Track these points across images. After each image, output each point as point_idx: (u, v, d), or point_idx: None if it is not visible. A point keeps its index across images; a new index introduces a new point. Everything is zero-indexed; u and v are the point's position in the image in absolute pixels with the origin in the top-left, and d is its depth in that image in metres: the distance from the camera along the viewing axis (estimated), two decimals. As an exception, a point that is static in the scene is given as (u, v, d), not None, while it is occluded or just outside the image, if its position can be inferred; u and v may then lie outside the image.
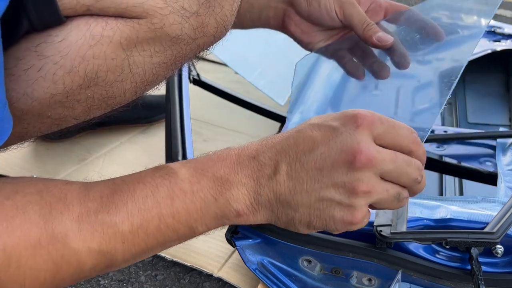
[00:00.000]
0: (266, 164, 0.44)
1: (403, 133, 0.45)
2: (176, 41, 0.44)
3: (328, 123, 0.44)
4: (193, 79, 1.08)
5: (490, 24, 1.28)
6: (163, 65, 0.46)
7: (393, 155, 0.44)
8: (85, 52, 0.40)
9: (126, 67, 0.43)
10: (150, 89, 0.50)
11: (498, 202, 0.69)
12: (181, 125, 0.84)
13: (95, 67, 0.41)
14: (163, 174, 0.44)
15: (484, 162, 0.82)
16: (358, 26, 0.63)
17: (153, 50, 0.44)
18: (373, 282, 0.68)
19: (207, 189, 0.44)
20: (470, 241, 0.60)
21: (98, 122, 1.15)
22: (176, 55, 0.46)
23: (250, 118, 1.15)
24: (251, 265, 0.73)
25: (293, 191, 0.43)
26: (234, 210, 0.44)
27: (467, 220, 0.65)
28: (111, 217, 0.41)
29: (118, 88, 0.44)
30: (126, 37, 0.42)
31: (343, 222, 0.44)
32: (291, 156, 0.44)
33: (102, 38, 0.41)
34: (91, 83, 0.42)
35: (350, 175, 0.42)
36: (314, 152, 0.43)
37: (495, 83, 1.21)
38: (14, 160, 1.07)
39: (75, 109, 0.44)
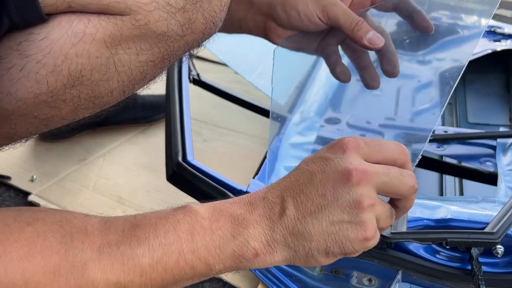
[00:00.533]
0: (274, 203, 0.45)
1: (390, 148, 0.47)
2: (162, 38, 0.43)
3: (320, 155, 0.47)
4: (193, 79, 1.08)
5: (490, 24, 1.28)
6: (150, 63, 0.45)
7: (385, 168, 0.46)
8: (67, 51, 0.40)
9: (111, 66, 0.42)
10: (139, 88, 0.49)
11: (498, 202, 0.69)
12: (181, 125, 0.83)
13: (79, 65, 0.40)
14: (184, 211, 0.44)
15: (484, 162, 0.82)
16: (345, 27, 0.58)
17: (139, 47, 0.43)
18: (373, 282, 0.68)
19: (225, 228, 0.44)
20: (471, 241, 0.60)
21: (98, 122, 1.17)
22: (163, 52, 0.45)
23: (250, 118, 1.15)
24: (251, 265, 0.73)
25: (304, 222, 0.44)
26: (252, 248, 0.44)
27: (467, 220, 0.65)
28: (133, 249, 0.41)
29: (104, 88, 0.43)
30: (110, 34, 0.41)
31: (358, 240, 0.44)
32: (294, 191, 0.45)
33: (85, 36, 0.40)
34: (75, 82, 0.41)
35: (352, 192, 0.44)
36: (313, 181, 0.45)
37: (495, 83, 1.21)
38: (14, 160, 1.06)
39: (62, 109, 0.43)
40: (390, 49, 0.60)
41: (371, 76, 0.62)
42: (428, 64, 1.17)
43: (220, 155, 1.12)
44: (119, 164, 1.08)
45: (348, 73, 0.63)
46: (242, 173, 0.94)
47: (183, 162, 0.76)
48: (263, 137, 1.15)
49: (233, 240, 0.44)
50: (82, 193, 0.99)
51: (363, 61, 0.62)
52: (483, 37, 1.23)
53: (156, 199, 0.97)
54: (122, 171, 1.06)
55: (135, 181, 1.03)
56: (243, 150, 1.13)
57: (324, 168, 0.45)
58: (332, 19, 0.58)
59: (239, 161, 1.09)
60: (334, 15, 0.58)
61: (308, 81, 1.04)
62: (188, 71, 1.01)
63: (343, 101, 0.96)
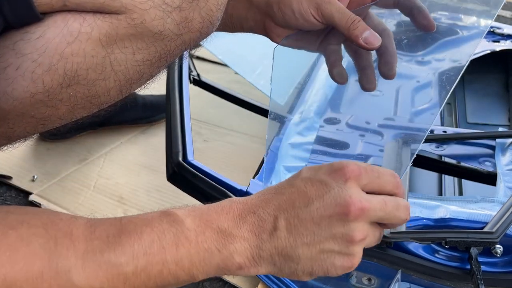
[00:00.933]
0: (266, 220, 0.45)
1: (387, 180, 0.47)
2: (159, 37, 0.43)
3: (319, 177, 0.45)
4: (193, 79, 1.08)
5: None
6: (147, 63, 0.44)
7: (383, 202, 0.46)
8: (63, 50, 0.39)
9: (107, 65, 0.42)
10: (137, 88, 0.48)
11: (497, 202, 0.69)
12: (181, 125, 0.84)
13: (75, 65, 0.40)
14: (170, 221, 0.43)
15: (484, 162, 0.82)
16: (341, 26, 0.55)
17: (135, 47, 0.42)
18: (372, 282, 0.68)
19: (211, 241, 0.43)
20: (470, 240, 0.60)
21: (98, 122, 1.17)
22: (160, 52, 0.44)
23: (250, 118, 1.15)
24: (251, 264, 0.73)
25: (294, 246, 0.44)
26: (236, 263, 0.44)
27: (467, 220, 0.65)
28: (117, 257, 0.40)
29: (101, 87, 0.43)
30: (105, 33, 0.41)
31: (343, 268, 0.46)
32: (289, 213, 0.44)
33: (80, 35, 0.40)
34: (71, 82, 0.41)
35: (347, 227, 0.44)
36: (310, 207, 0.44)
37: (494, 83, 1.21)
38: (15, 160, 1.07)
39: (59, 108, 0.43)
40: (389, 49, 0.58)
41: (368, 78, 0.60)
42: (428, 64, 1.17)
43: (220, 155, 1.12)
44: (120, 164, 1.08)
45: (345, 76, 0.61)
46: (242, 173, 0.95)
47: (183, 162, 0.76)
48: (263, 137, 1.16)
49: (218, 254, 0.43)
50: (83, 193, 0.99)
51: (363, 62, 0.60)
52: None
53: (156, 199, 0.97)
54: (123, 171, 1.06)
55: (135, 181, 1.03)
56: (243, 150, 1.13)
57: (323, 195, 0.44)
58: (326, 17, 0.56)
59: (239, 161, 1.09)
60: (328, 13, 0.55)
61: (308, 81, 1.04)
62: (188, 71, 1.02)
63: (342, 102, 0.96)
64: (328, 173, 0.45)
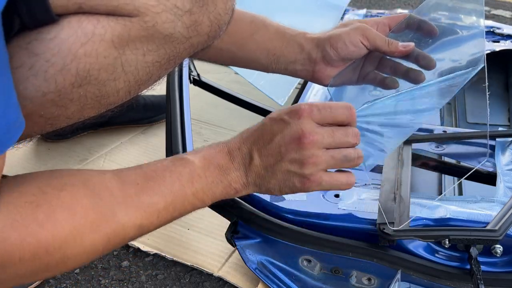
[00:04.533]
0: (246, 154, 0.58)
1: (340, 112, 0.57)
2: (169, 39, 0.44)
3: (281, 117, 0.57)
4: (193, 79, 1.08)
5: (490, 25, 1.28)
6: (156, 64, 0.46)
7: (330, 131, 0.57)
8: (76, 50, 0.40)
9: (118, 66, 0.43)
10: (144, 89, 0.50)
11: (497, 202, 0.69)
12: (181, 125, 0.84)
13: (87, 65, 0.41)
14: (184, 164, 0.55)
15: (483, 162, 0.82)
16: (383, 45, 0.68)
17: (146, 48, 0.44)
18: (372, 282, 0.68)
19: (215, 175, 0.57)
20: (473, 238, 0.60)
21: (99, 122, 1.17)
22: (169, 54, 0.46)
23: (250, 118, 1.15)
24: (251, 264, 0.73)
25: (265, 169, 0.58)
26: (233, 188, 0.58)
27: (467, 219, 0.65)
28: (150, 198, 0.51)
29: (111, 87, 0.44)
30: (118, 35, 0.41)
31: (302, 187, 0.58)
32: (259, 145, 0.58)
33: (94, 36, 0.41)
34: (83, 82, 0.42)
35: (300, 153, 0.56)
36: (273, 141, 0.57)
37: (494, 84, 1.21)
38: (15, 160, 1.07)
39: (68, 108, 0.44)
40: (417, 51, 0.70)
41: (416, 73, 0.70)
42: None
43: (220, 155, 1.12)
44: (120, 164, 1.08)
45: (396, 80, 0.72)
46: (242, 173, 0.95)
47: (183, 162, 0.77)
48: (263, 137, 1.16)
49: (220, 183, 0.57)
50: (83, 193, 0.99)
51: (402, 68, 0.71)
52: (482, 38, 1.23)
53: (156, 199, 0.97)
54: (123, 171, 1.06)
55: (135, 181, 1.03)
56: (243, 150, 1.14)
57: (282, 130, 0.57)
58: (371, 41, 0.68)
59: (239, 161, 1.09)
60: (372, 38, 0.68)
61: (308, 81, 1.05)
62: (189, 71, 1.02)
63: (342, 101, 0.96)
64: (288, 113, 0.57)
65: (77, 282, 0.80)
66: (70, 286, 0.79)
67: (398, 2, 2.37)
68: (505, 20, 2.18)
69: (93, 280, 0.80)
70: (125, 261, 0.84)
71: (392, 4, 2.33)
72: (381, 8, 2.26)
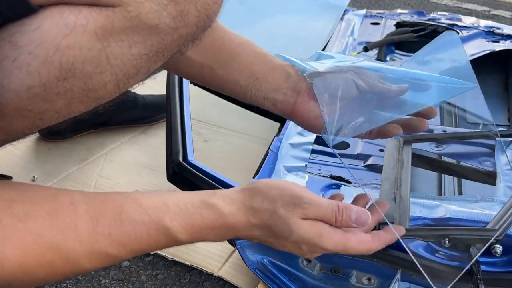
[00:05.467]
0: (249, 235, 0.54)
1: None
2: (154, 30, 0.43)
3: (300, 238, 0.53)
4: (193, 79, 1.08)
5: (490, 25, 1.29)
6: (144, 57, 0.45)
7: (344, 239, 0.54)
8: (59, 42, 0.39)
9: (103, 59, 0.42)
10: (135, 83, 0.48)
11: (497, 202, 0.69)
12: (181, 125, 0.84)
13: (71, 57, 0.40)
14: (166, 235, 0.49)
15: (483, 162, 0.82)
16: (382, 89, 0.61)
17: (131, 40, 0.43)
18: (372, 282, 0.68)
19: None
20: (473, 237, 0.60)
21: (99, 122, 1.17)
22: (157, 45, 0.45)
23: (250, 118, 1.15)
24: (251, 264, 0.73)
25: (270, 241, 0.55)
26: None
27: (467, 219, 0.65)
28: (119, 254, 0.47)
29: (97, 81, 0.43)
30: (101, 26, 0.41)
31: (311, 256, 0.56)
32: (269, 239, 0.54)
33: (76, 27, 0.40)
34: (67, 75, 0.41)
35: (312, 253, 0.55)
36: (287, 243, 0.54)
37: (494, 83, 1.21)
38: (16, 160, 1.07)
39: (55, 102, 0.43)
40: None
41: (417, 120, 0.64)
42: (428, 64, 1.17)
43: (220, 155, 1.12)
44: (120, 164, 1.08)
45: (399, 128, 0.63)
46: (242, 173, 0.95)
47: (183, 162, 0.77)
48: (263, 137, 1.16)
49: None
50: (83, 193, 0.99)
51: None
52: (482, 38, 1.23)
53: (156, 199, 0.97)
54: (123, 171, 1.06)
55: (136, 181, 1.03)
56: (243, 150, 1.14)
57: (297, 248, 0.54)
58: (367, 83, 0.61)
59: (239, 161, 1.09)
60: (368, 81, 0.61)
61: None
62: (189, 71, 1.02)
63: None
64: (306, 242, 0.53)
65: (77, 282, 0.80)
66: (70, 286, 0.79)
67: (398, 2, 2.37)
68: (505, 20, 2.18)
69: (93, 280, 0.80)
70: (125, 261, 0.84)
71: (392, 4, 2.33)
72: (381, 8, 2.26)
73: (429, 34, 1.26)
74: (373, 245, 0.56)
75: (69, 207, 0.45)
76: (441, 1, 2.42)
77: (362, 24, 1.34)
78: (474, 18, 1.35)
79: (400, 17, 1.37)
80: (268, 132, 1.11)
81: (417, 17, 1.36)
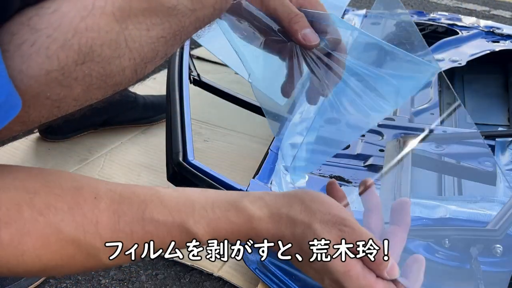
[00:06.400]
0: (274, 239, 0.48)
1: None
2: (173, 12, 0.43)
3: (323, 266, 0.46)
4: (193, 80, 1.08)
5: (489, 25, 1.29)
6: (162, 40, 0.44)
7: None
8: (77, 24, 0.39)
9: (122, 42, 0.41)
10: (151, 68, 0.47)
11: (497, 202, 0.69)
12: (181, 125, 0.84)
13: (89, 40, 0.40)
14: (188, 237, 0.47)
15: (483, 162, 0.82)
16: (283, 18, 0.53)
17: (149, 22, 0.42)
18: (372, 281, 0.68)
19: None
20: (473, 238, 0.60)
21: (99, 122, 1.17)
22: (175, 28, 0.44)
23: (250, 118, 1.15)
24: (251, 264, 0.73)
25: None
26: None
27: (466, 219, 0.65)
28: (139, 253, 0.45)
29: (116, 65, 0.42)
30: (119, 7, 0.40)
31: None
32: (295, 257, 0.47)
33: (94, 9, 0.39)
34: (86, 58, 0.40)
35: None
36: (308, 265, 0.46)
37: (493, 84, 1.21)
38: (16, 160, 1.07)
39: (74, 88, 0.42)
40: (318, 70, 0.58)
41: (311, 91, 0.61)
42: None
43: (220, 155, 1.12)
44: (120, 164, 1.08)
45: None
46: (242, 173, 0.95)
47: (183, 162, 0.77)
48: (263, 137, 1.16)
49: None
50: (83, 193, 0.99)
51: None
52: (482, 38, 1.23)
53: (156, 199, 0.97)
54: (123, 171, 1.06)
55: (136, 181, 1.03)
56: (243, 150, 1.14)
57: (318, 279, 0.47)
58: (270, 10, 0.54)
59: (239, 161, 1.09)
60: (272, 7, 0.53)
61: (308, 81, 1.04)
62: (188, 71, 1.02)
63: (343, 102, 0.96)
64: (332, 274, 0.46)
65: (78, 282, 0.80)
66: (70, 286, 0.79)
67: (398, 2, 2.36)
68: (505, 20, 2.18)
69: (93, 280, 0.80)
70: (125, 261, 0.84)
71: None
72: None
73: (429, 34, 1.26)
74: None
75: (92, 202, 0.44)
76: (441, 1, 2.42)
77: (362, 24, 1.34)
78: (474, 18, 1.35)
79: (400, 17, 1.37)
80: (268, 132, 1.11)
81: (417, 17, 1.36)
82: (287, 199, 0.48)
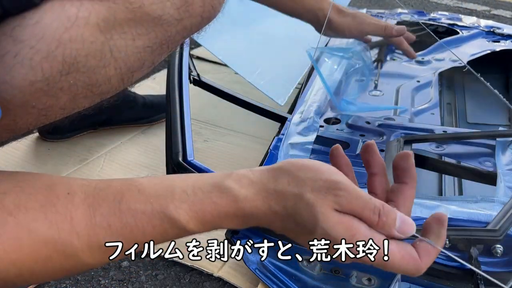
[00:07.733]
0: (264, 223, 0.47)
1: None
2: (158, 22, 0.42)
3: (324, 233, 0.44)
4: (193, 80, 1.08)
5: (490, 25, 1.29)
6: (148, 49, 0.43)
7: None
8: (61, 35, 0.38)
9: (107, 52, 0.41)
10: (138, 76, 0.47)
11: (498, 202, 0.69)
12: (181, 125, 0.84)
13: (73, 51, 0.39)
14: (172, 226, 0.45)
15: (484, 162, 0.82)
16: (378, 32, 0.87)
17: (134, 32, 0.41)
18: (372, 282, 0.68)
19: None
20: (473, 238, 0.60)
21: (99, 122, 1.17)
22: (161, 37, 0.43)
23: (250, 118, 1.15)
24: (251, 264, 0.73)
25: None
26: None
27: (467, 219, 0.65)
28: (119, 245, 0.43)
29: (101, 75, 0.42)
30: (103, 18, 0.40)
31: None
32: (290, 233, 0.47)
33: (78, 20, 0.39)
34: (71, 69, 0.40)
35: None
36: (307, 237, 0.45)
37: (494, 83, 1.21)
38: (15, 160, 1.07)
39: (60, 97, 0.41)
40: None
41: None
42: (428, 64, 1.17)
43: (220, 155, 1.12)
44: (120, 164, 1.08)
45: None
46: (242, 173, 0.95)
47: (183, 162, 0.77)
48: (263, 137, 1.16)
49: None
50: (83, 193, 0.99)
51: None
52: (482, 38, 1.23)
53: (156, 199, 0.97)
54: (123, 171, 1.06)
55: (135, 181, 1.03)
56: (243, 150, 1.14)
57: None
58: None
59: (239, 161, 1.09)
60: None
61: (308, 81, 1.05)
62: (188, 71, 1.02)
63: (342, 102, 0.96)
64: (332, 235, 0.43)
65: (77, 282, 0.80)
66: (70, 286, 0.79)
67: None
68: (505, 20, 2.18)
69: (93, 280, 0.80)
70: (124, 261, 0.83)
71: (392, 4, 2.33)
72: (381, 8, 2.26)
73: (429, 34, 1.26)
74: (422, 264, 0.44)
75: (65, 198, 0.42)
76: (442, 1, 2.42)
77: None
78: (474, 18, 1.35)
79: (401, 17, 1.37)
80: (268, 132, 1.11)
81: (417, 17, 1.36)
82: (272, 173, 0.46)
